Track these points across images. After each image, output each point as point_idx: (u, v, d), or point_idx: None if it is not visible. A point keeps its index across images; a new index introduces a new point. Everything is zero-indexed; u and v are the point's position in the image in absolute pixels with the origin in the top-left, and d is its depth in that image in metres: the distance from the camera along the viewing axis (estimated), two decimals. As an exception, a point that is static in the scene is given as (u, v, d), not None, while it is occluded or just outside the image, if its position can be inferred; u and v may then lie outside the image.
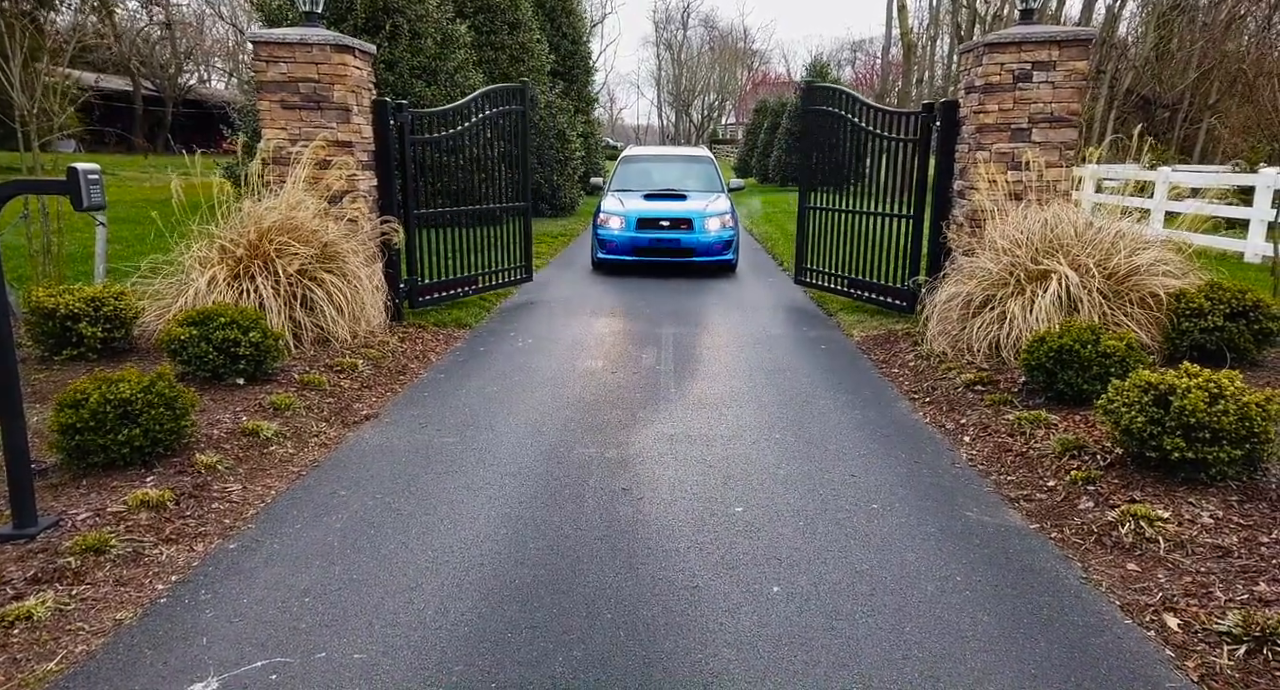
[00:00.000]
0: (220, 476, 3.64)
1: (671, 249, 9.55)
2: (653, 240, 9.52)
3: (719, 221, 9.66)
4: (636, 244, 9.56)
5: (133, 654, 2.42)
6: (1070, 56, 5.99)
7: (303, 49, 6.14)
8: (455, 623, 2.62)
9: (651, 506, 3.53)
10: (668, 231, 9.54)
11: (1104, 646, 2.53)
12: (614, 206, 9.95)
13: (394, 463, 4.00)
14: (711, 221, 9.59)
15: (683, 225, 9.54)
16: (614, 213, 9.81)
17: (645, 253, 9.57)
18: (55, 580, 2.73)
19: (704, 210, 9.67)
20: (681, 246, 9.55)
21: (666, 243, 9.52)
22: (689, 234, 9.52)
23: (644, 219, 9.57)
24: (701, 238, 9.54)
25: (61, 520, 3.10)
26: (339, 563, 3.00)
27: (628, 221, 9.60)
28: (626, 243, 9.58)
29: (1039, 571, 3.00)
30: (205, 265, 5.30)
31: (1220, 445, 3.29)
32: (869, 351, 6.40)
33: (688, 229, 9.53)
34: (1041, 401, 4.59)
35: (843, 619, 2.68)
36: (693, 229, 9.52)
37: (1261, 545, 2.96)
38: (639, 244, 9.56)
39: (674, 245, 9.54)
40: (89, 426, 3.43)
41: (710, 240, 9.57)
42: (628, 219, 9.61)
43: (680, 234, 9.53)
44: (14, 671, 2.30)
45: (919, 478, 3.90)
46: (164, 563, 2.94)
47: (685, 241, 9.54)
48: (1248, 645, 2.44)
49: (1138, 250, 5.25)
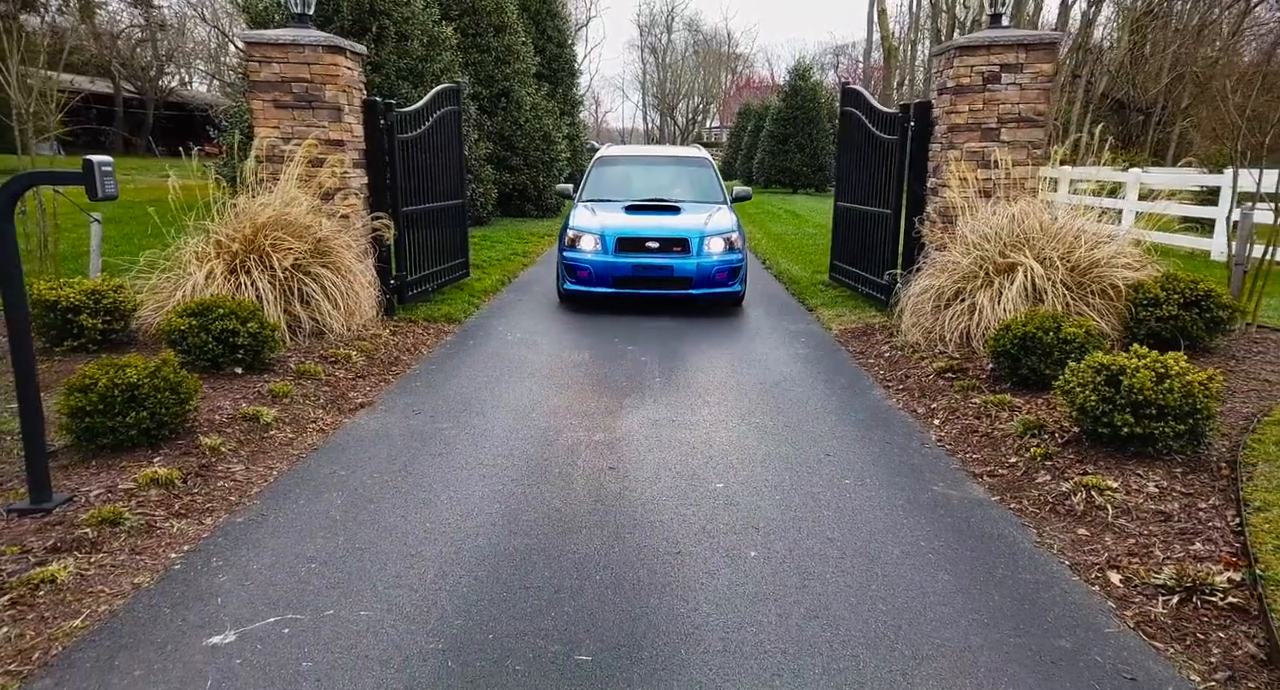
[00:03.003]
0: (224, 458, 3.81)
1: (661, 278, 7.36)
2: (636, 267, 7.31)
3: (723, 242, 7.47)
4: (616, 272, 7.34)
5: (153, 612, 2.59)
6: (1036, 59, 6.26)
7: (295, 50, 6.30)
8: (455, 584, 2.81)
9: (637, 483, 3.73)
10: (656, 255, 7.35)
11: (1051, 599, 2.76)
12: (586, 221, 7.69)
13: (390, 446, 4.18)
14: (713, 242, 7.42)
15: (675, 247, 7.37)
16: (585, 230, 7.54)
17: (627, 283, 7.41)
18: (74, 549, 2.89)
19: (703, 227, 7.49)
20: (675, 275, 7.33)
21: (655, 270, 7.32)
22: (684, 258, 7.33)
23: (625, 238, 7.39)
24: (701, 263, 7.33)
25: (75, 497, 3.26)
26: (342, 534, 3.18)
27: (604, 242, 7.39)
28: (603, 270, 7.38)
29: (997, 537, 3.23)
30: (202, 260, 5.46)
31: (1166, 421, 3.53)
32: (846, 344, 6.63)
33: (682, 252, 7.35)
34: (1007, 386, 4.83)
35: (814, 579, 2.89)
36: (688, 252, 7.34)
37: (1200, 510, 3.20)
38: (619, 272, 7.34)
39: (665, 274, 7.32)
40: (98, 410, 3.59)
41: (712, 266, 7.36)
42: (604, 238, 7.40)
43: (673, 258, 7.33)
44: (42, 627, 2.47)
45: (890, 457, 4.13)
46: (175, 534, 3.11)
47: (679, 268, 7.31)
48: (1180, 595, 2.68)
49: (1099, 244, 5.52)
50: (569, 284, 7.70)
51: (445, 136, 8.41)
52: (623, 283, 7.42)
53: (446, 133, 8.44)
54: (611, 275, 7.40)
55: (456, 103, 8.72)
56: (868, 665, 2.39)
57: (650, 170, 9.28)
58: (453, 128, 8.65)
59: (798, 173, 29.51)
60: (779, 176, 29.82)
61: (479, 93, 16.45)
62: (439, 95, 8.22)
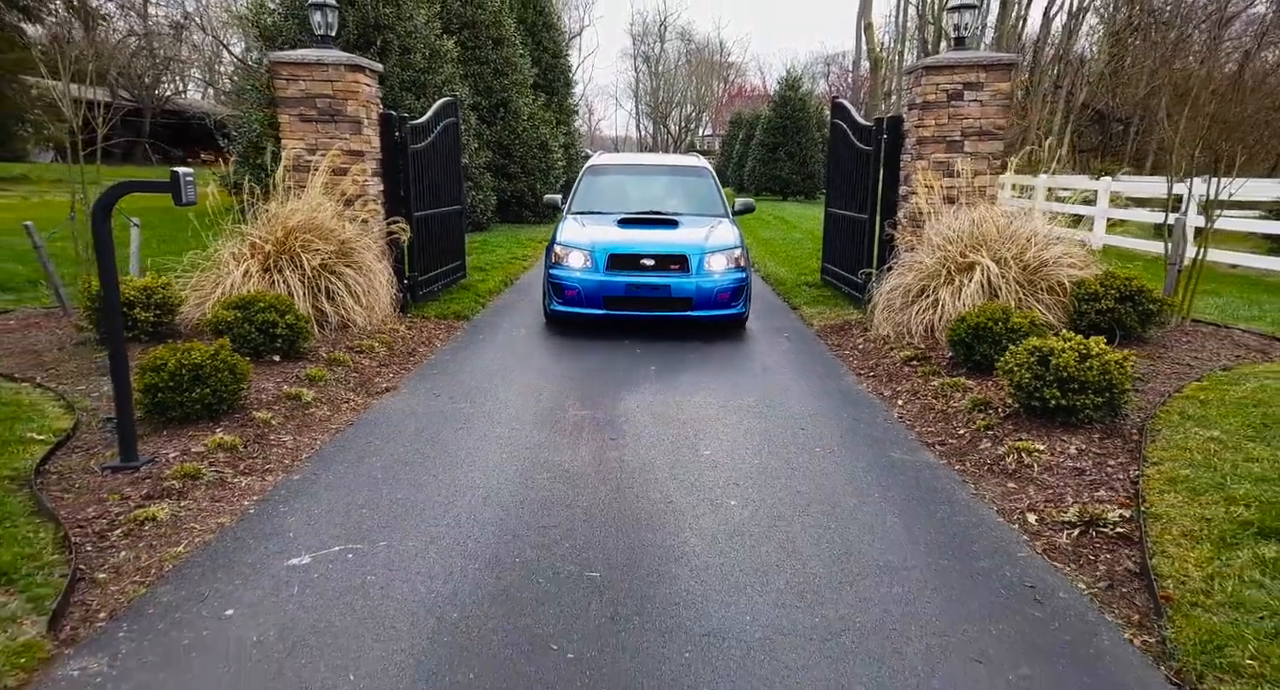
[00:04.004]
0: (275, 429, 4.37)
1: (658, 299, 6.78)
2: (630, 286, 6.74)
3: (725, 259, 6.92)
4: (607, 292, 6.79)
5: (239, 542, 3.15)
6: (995, 78, 6.89)
7: (319, 68, 6.88)
8: (483, 524, 3.38)
9: (634, 450, 4.30)
10: (652, 274, 6.78)
11: (978, 535, 3.34)
12: (574, 236, 7.13)
13: (416, 422, 4.74)
14: (715, 259, 6.87)
15: (673, 265, 6.81)
16: (574, 245, 6.98)
17: (619, 304, 6.80)
18: (165, 497, 3.45)
19: (704, 243, 6.95)
20: (672, 296, 6.76)
21: (650, 290, 6.75)
22: (682, 277, 6.77)
23: (618, 255, 6.83)
24: (702, 283, 6.77)
25: (156, 458, 3.82)
26: (384, 488, 3.74)
27: (594, 258, 6.83)
28: (593, 290, 6.81)
29: (940, 491, 3.82)
30: (239, 259, 6.01)
31: (1087, 394, 4.13)
32: (825, 338, 7.23)
33: (680, 270, 6.79)
34: (962, 371, 5.43)
35: (783, 521, 3.47)
36: (687, 270, 6.79)
37: (1109, 467, 3.80)
38: (611, 291, 6.79)
39: (661, 294, 6.76)
40: (168, 386, 4.15)
41: (714, 286, 6.80)
42: (594, 254, 6.84)
43: (671, 277, 6.76)
44: (153, 552, 3.03)
45: (855, 431, 4.71)
46: (244, 488, 3.67)
47: (678, 288, 6.74)
48: (1079, 529, 3.27)
49: (1048, 246, 6.13)
50: (555, 305, 7.06)
51: (448, 146, 8.99)
52: (615, 304, 6.81)
53: (449, 143, 9.03)
54: (602, 295, 6.80)
55: (456, 114, 9.33)
56: (822, 578, 2.97)
57: (645, 180, 8.69)
58: (453, 138, 9.24)
59: (787, 181, 30.20)
60: (769, 184, 30.50)
61: (478, 103, 17.05)
62: (442, 108, 8.80)
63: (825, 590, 2.89)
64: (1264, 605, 2.54)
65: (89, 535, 3.10)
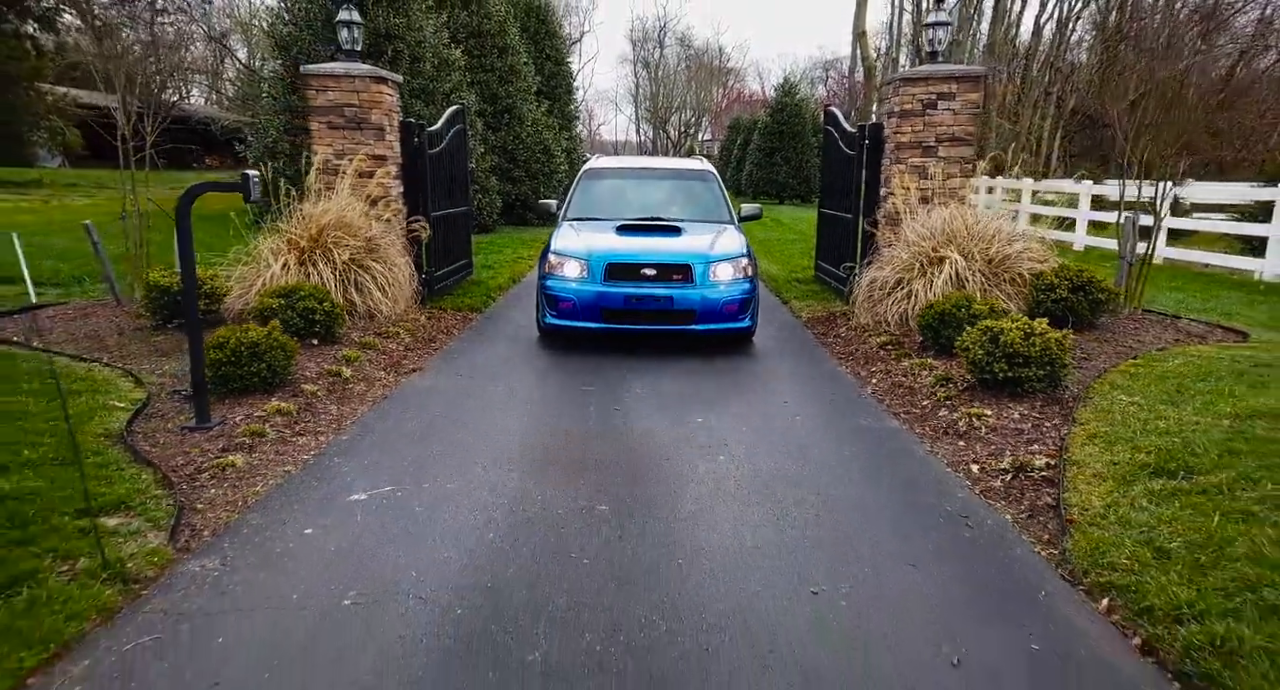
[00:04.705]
0: (320, 400, 4.98)
1: (659, 312, 6.38)
2: (629, 298, 6.34)
3: (731, 269, 6.52)
4: (605, 303, 6.37)
5: (305, 483, 3.76)
6: (966, 89, 7.51)
7: (346, 80, 7.51)
8: (508, 471, 3.99)
9: (637, 418, 4.92)
10: (653, 285, 6.36)
11: (927, 481, 3.96)
12: (570, 244, 6.72)
13: (443, 395, 5.36)
14: (721, 268, 6.48)
15: (676, 275, 6.39)
16: (570, 254, 6.57)
17: (618, 317, 6.42)
18: (238, 450, 4.06)
19: (708, 251, 6.54)
20: (675, 308, 6.36)
21: (651, 302, 6.33)
22: (686, 288, 6.36)
23: (617, 264, 6.42)
24: (707, 294, 6.37)
25: (225, 420, 4.43)
26: (421, 445, 4.35)
27: (592, 268, 6.43)
28: (590, 301, 6.41)
29: (900, 449, 4.43)
30: (277, 254, 6.63)
31: (1031, 367, 4.75)
32: (811, 328, 7.84)
33: (683, 281, 6.38)
34: (930, 353, 6.04)
35: (763, 471, 4.08)
36: (691, 280, 6.38)
37: (1044, 428, 4.41)
38: (609, 303, 6.37)
39: (663, 306, 6.35)
40: (230, 361, 4.76)
41: (719, 298, 6.40)
42: (591, 264, 6.44)
43: (673, 288, 6.35)
44: (236, 490, 3.64)
45: (833, 404, 5.33)
46: (301, 445, 4.28)
47: (681, 300, 6.34)
48: (1012, 474, 3.88)
49: (1011, 241, 6.75)
50: (549, 318, 6.62)
51: (457, 151, 9.58)
52: (613, 317, 6.42)
53: (458, 148, 9.62)
54: (600, 307, 6.40)
55: (464, 121, 9.93)
56: (793, 511, 3.58)
57: (646, 184, 8.25)
58: (462, 143, 9.84)
59: (784, 184, 30.86)
60: (766, 188, 31.16)
61: (484, 109, 17.69)
62: (452, 115, 9.40)
63: (794, 520, 3.50)
64: (1144, 523, 3.15)
65: (182, 477, 3.71)
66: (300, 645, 2.50)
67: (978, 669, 2.45)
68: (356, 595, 2.80)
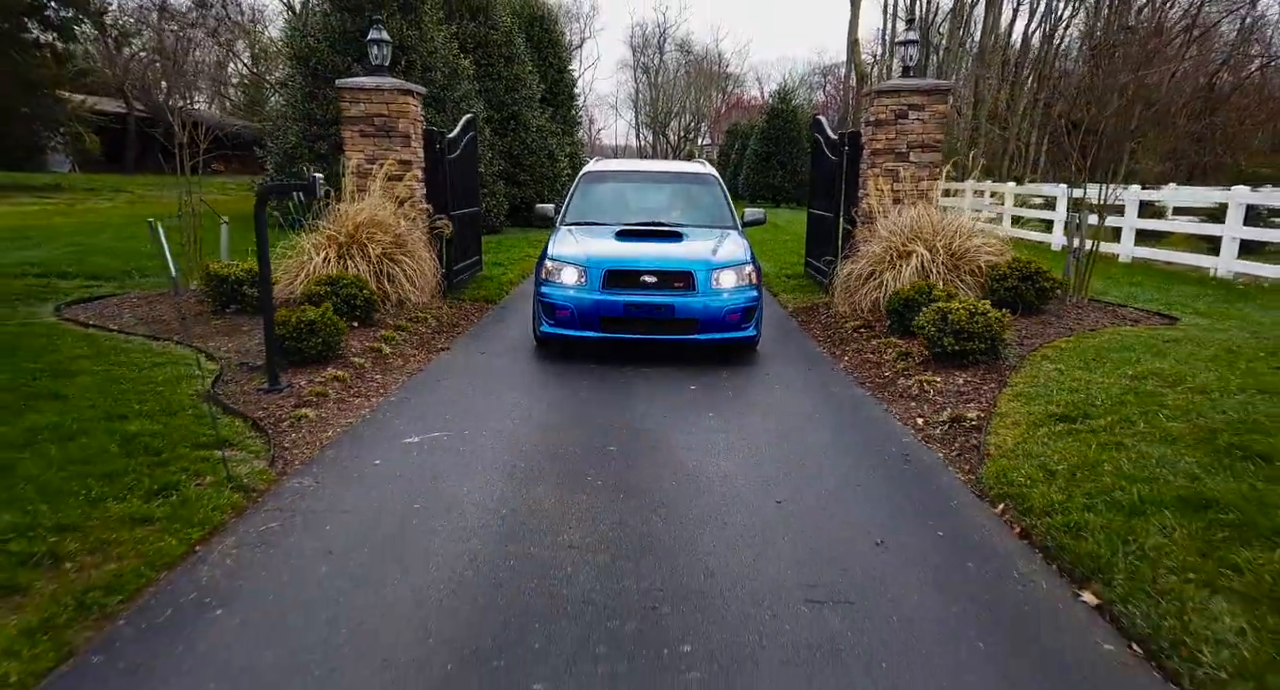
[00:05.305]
0: (367, 371, 5.81)
1: (660, 320, 6.24)
2: (629, 306, 6.19)
3: (734, 275, 6.38)
4: (603, 311, 6.21)
5: (366, 431, 4.59)
6: (934, 101, 8.35)
7: (377, 93, 8.34)
8: (533, 425, 4.81)
9: (638, 387, 5.74)
10: (653, 292, 6.22)
11: (881, 431, 4.79)
12: (568, 249, 6.57)
13: (470, 369, 6.18)
14: (724, 275, 6.32)
15: (677, 282, 6.25)
16: (568, 260, 6.43)
17: (617, 326, 6.26)
18: (307, 406, 4.88)
19: (710, 258, 6.40)
20: (676, 317, 6.21)
21: (651, 311, 6.20)
22: (687, 296, 6.20)
23: (616, 271, 6.27)
24: (709, 302, 6.21)
25: (290, 385, 5.25)
26: (457, 405, 5.18)
27: (590, 274, 6.27)
28: (588, 309, 6.22)
29: (861, 409, 5.26)
30: (319, 248, 7.45)
31: (974, 341, 5.58)
32: (796, 316, 8.67)
33: (685, 288, 6.23)
34: (896, 334, 6.86)
35: (746, 427, 4.90)
36: (693, 288, 6.22)
37: (982, 391, 5.24)
38: (608, 311, 6.21)
39: (664, 315, 6.21)
40: (292, 336, 5.58)
41: (722, 306, 6.24)
42: (590, 270, 6.28)
43: (674, 296, 6.20)
44: (312, 434, 4.46)
45: (809, 378, 6.15)
46: (358, 404, 5.11)
47: (682, 309, 6.19)
48: (948, 425, 4.71)
49: (971, 237, 7.58)
50: (545, 326, 6.46)
51: (470, 156, 10.41)
52: (612, 325, 6.25)
53: (471, 153, 10.44)
54: (599, 316, 6.22)
55: (475, 129, 10.73)
56: (765, 453, 4.41)
57: (646, 188, 8.10)
58: (474, 149, 10.65)
59: (780, 188, 31.73)
60: (763, 192, 32.03)
61: (491, 116, 18.54)
62: (466, 124, 10.23)
63: (767, 457, 4.33)
64: (1041, 454, 3.97)
65: (268, 425, 4.53)
66: (386, 531, 3.33)
67: (894, 547, 3.27)
68: (423, 504, 3.62)
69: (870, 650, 2.55)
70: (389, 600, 2.79)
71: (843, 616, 2.74)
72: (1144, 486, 3.38)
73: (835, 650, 2.54)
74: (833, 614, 2.75)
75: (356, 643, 2.53)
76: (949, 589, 2.94)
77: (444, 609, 2.74)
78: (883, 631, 2.65)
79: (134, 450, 3.87)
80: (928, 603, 2.84)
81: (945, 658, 2.52)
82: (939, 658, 2.52)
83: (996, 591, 2.93)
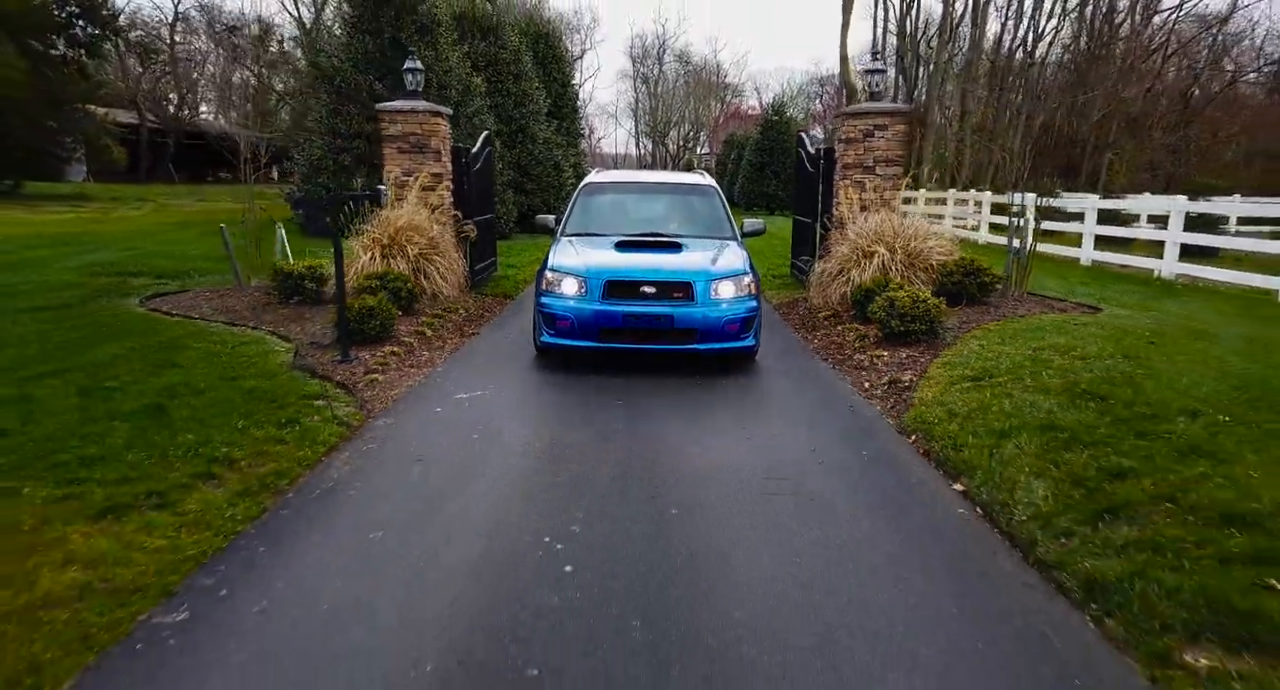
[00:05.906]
0: (416, 349, 7.02)
1: (659, 330, 6.34)
2: (629, 316, 6.27)
3: (734, 286, 6.48)
4: (603, 321, 6.30)
5: (426, 390, 5.80)
6: (897, 122, 9.59)
7: (412, 114, 9.58)
8: (551, 392, 6.02)
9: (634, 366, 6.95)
10: (652, 303, 6.32)
11: (836, 393, 6.00)
12: (568, 260, 6.71)
13: (497, 349, 7.39)
14: (723, 286, 6.44)
15: (676, 293, 6.36)
16: (568, 270, 6.55)
17: (616, 336, 6.36)
18: (375, 372, 6.09)
19: (710, 268, 6.52)
20: (675, 327, 6.33)
21: (651, 321, 6.30)
22: (686, 306, 6.32)
23: (616, 281, 6.37)
24: (708, 313, 6.33)
25: (358, 358, 6.46)
26: (491, 373, 6.38)
27: (590, 285, 6.38)
28: (588, 320, 6.33)
29: (821, 378, 6.47)
30: (365, 248, 8.67)
31: (916, 323, 6.79)
32: (779, 310, 9.90)
33: (684, 298, 6.34)
34: (858, 321, 8.08)
35: (731, 393, 6.10)
36: (692, 298, 6.34)
37: (920, 363, 6.45)
38: (607, 321, 6.30)
39: (663, 325, 6.32)
40: (355, 320, 6.79)
41: (721, 316, 6.35)
42: (589, 281, 6.39)
43: (674, 306, 6.31)
44: (384, 393, 5.67)
45: (783, 355, 7.36)
46: (413, 372, 6.32)
47: (682, 319, 6.30)
48: (887, 386, 5.93)
49: (926, 239, 8.81)
50: (546, 336, 6.53)
51: (488, 169, 11.66)
52: (611, 336, 6.34)
53: (488, 166, 11.70)
54: (598, 326, 6.31)
55: (492, 144, 12.01)
56: (744, 410, 5.61)
57: (646, 199, 8.26)
58: (490, 163, 11.91)
59: (773, 196, 33.03)
60: (757, 200, 33.33)
61: (501, 129, 19.80)
62: (485, 139, 11.47)
63: (746, 416, 5.54)
64: (950, 402, 5.18)
65: (348, 385, 5.74)
66: (456, 450, 4.53)
67: (830, 461, 4.48)
68: (480, 435, 4.83)
69: (804, 517, 3.75)
70: (465, 488, 4.00)
71: (788, 498, 3.94)
72: (1014, 419, 4.59)
73: (781, 515, 3.75)
74: (782, 496, 3.96)
75: (449, 508, 3.74)
76: (863, 487, 4.14)
77: (506, 497, 3.95)
78: (815, 507, 3.86)
79: (256, 398, 5.08)
80: (847, 493, 4.04)
81: (856, 524, 3.72)
82: (849, 523, 3.72)
83: (897, 487, 4.14)
